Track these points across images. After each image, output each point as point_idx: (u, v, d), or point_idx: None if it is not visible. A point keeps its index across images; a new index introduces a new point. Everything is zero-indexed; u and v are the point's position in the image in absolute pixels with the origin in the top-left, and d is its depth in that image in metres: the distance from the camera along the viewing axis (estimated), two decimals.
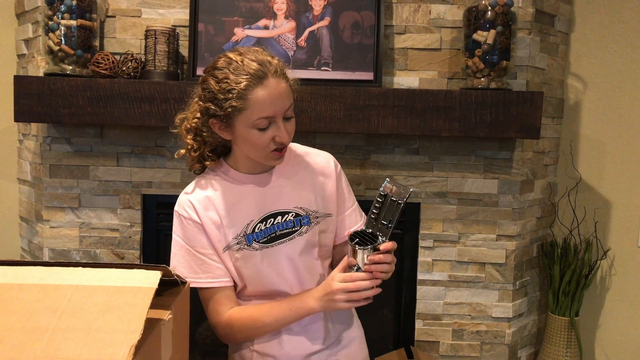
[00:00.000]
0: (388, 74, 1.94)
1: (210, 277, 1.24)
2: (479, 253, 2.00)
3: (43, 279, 0.74)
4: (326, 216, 1.30)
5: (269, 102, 1.13)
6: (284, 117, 1.17)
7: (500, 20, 1.80)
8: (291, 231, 1.26)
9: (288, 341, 1.27)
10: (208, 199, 1.25)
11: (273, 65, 1.14)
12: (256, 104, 1.12)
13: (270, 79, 1.13)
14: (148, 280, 0.75)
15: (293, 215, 1.26)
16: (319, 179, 1.31)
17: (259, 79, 1.12)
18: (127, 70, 1.83)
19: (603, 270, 2.23)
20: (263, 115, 1.13)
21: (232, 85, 1.12)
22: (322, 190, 1.31)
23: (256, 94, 1.12)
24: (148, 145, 1.94)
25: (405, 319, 2.05)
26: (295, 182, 1.29)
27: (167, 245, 2.02)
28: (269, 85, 1.12)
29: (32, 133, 2.02)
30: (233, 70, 1.13)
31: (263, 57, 1.15)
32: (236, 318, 1.24)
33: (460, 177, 1.97)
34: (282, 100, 1.15)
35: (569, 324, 2.09)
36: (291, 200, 1.27)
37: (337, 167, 1.36)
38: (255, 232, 1.24)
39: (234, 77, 1.12)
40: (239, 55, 1.16)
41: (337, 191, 1.33)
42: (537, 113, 1.79)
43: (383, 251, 1.14)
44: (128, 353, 0.63)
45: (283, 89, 1.15)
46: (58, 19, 1.77)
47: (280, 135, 1.16)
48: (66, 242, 1.97)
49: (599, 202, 2.22)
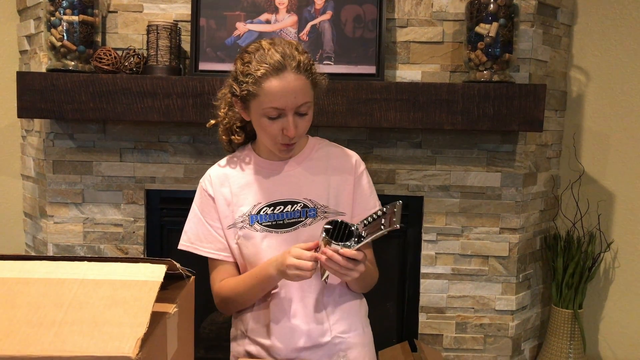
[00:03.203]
0: (390, 68, 1.94)
1: (211, 248, 1.31)
2: (482, 246, 2.00)
3: (49, 273, 0.75)
4: (337, 214, 1.29)
5: (281, 94, 1.15)
6: (296, 112, 1.19)
7: (502, 12, 1.79)
8: (296, 221, 1.27)
9: (279, 332, 1.27)
10: (225, 176, 1.32)
11: (296, 60, 1.16)
12: (269, 93, 1.16)
13: (288, 72, 1.15)
14: (153, 274, 0.75)
15: (301, 206, 1.27)
16: (336, 176, 1.31)
17: (276, 70, 1.15)
18: (130, 66, 1.83)
19: (606, 262, 2.23)
20: (273, 105, 1.17)
21: (252, 70, 1.16)
22: (337, 187, 1.31)
23: (270, 84, 1.15)
24: (151, 141, 1.94)
25: (409, 313, 2.05)
26: (311, 174, 1.30)
27: (171, 240, 2.04)
28: (285, 78, 1.15)
29: (35, 129, 2.02)
30: (258, 56, 1.17)
31: (290, 50, 1.17)
32: (224, 287, 1.31)
33: (463, 170, 1.97)
34: (295, 95, 1.16)
35: (572, 316, 2.09)
36: (302, 191, 1.28)
37: (359, 167, 1.35)
38: (260, 214, 1.27)
39: (255, 63, 1.16)
40: (270, 43, 1.19)
41: (356, 191, 1.33)
42: (540, 106, 1.79)
43: (339, 252, 1.11)
44: (134, 346, 0.64)
45: (299, 85, 1.16)
46: (60, 14, 1.78)
47: (288, 129, 1.19)
48: (70, 237, 1.98)
49: (602, 195, 2.22)
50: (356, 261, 1.12)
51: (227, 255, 1.32)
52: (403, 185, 1.97)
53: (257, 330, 1.30)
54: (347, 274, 1.13)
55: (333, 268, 1.13)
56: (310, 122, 1.24)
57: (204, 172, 1.39)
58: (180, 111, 1.79)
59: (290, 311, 1.27)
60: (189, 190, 1.96)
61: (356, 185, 1.33)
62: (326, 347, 1.28)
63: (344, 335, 1.30)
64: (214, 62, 1.88)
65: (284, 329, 1.27)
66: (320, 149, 1.35)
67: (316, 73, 1.22)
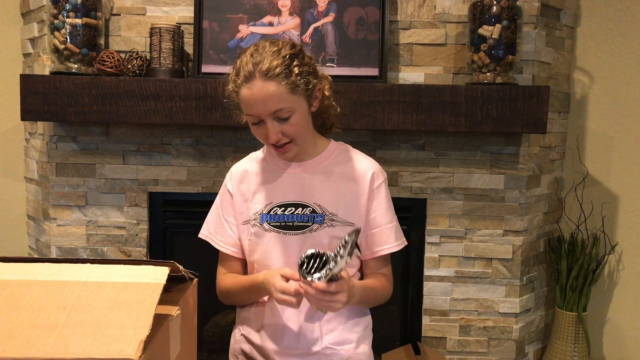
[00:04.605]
0: (393, 70, 1.94)
1: (222, 242, 1.34)
2: (485, 249, 1.99)
3: (51, 275, 0.75)
4: (345, 224, 1.27)
5: (251, 103, 1.17)
6: (274, 118, 1.17)
7: (505, 14, 1.79)
8: (304, 225, 1.26)
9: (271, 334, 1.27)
10: (245, 173, 1.34)
11: (265, 66, 1.13)
12: (243, 102, 1.18)
13: (256, 81, 1.14)
14: (156, 276, 0.75)
15: (310, 211, 1.27)
16: (349, 185, 1.29)
17: (246, 79, 1.15)
18: (133, 68, 1.83)
19: (611, 265, 2.22)
20: (248, 113, 1.19)
21: (232, 78, 1.20)
22: (349, 196, 1.29)
23: (242, 93, 1.17)
24: (154, 143, 1.94)
25: (412, 315, 2.05)
26: (324, 179, 1.29)
27: (174, 242, 2.04)
28: (253, 86, 1.15)
29: (39, 132, 2.03)
30: (238, 64, 1.18)
31: (263, 56, 1.15)
32: (223, 282, 1.35)
33: (466, 172, 1.97)
34: (264, 102, 1.15)
35: (576, 319, 2.08)
36: (313, 195, 1.27)
37: (377, 179, 1.31)
38: (271, 214, 1.28)
39: (234, 72, 1.19)
40: (254, 48, 1.18)
41: (371, 205, 1.30)
42: (543, 108, 1.78)
43: (312, 286, 1.09)
44: (137, 349, 0.63)
45: (269, 92, 1.14)
46: (63, 17, 1.78)
47: (268, 135, 1.19)
48: (73, 240, 1.98)
49: (606, 197, 2.21)
50: (331, 293, 1.09)
51: (235, 251, 1.34)
52: (406, 187, 1.97)
53: (250, 330, 1.32)
54: (328, 306, 1.11)
55: (312, 302, 1.12)
56: (301, 125, 1.20)
57: (207, 174, 1.39)
58: (183, 114, 1.79)
59: (284, 315, 1.27)
60: (192, 193, 1.96)
61: (372, 198, 1.30)
62: (316, 356, 1.26)
63: (336, 347, 1.27)
64: (216, 65, 1.89)
65: (275, 331, 1.27)
66: (340, 154, 1.33)
67: (300, 75, 1.16)
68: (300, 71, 1.17)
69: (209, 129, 1.94)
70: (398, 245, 1.32)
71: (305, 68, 1.18)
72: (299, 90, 1.17)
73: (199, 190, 1.96)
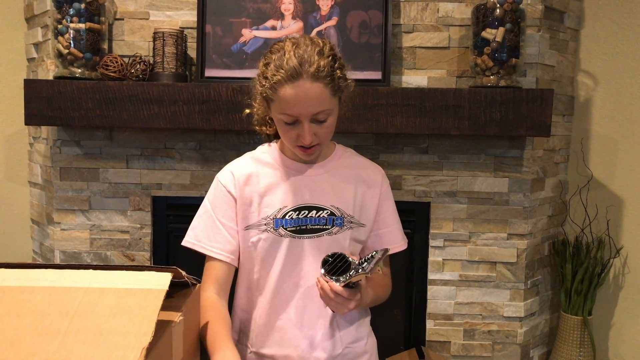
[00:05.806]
0: (396, 73, 1.94)
1: (217, 248, 1.24)
2: (489, 252, 1.98)
3: (54, 281, 0.75)
4: (360, 225, 1.27)
5: (294, 103, 1.11)
6: (312, 119, 1.14)
7: (509, 17, 1.78)
8: (321, 228, 1.24)
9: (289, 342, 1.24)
10: (251, 175, 1.26)
11: (314, 66, 1.10)
12: (282, 100, 1.12)
13: (303, 80, 1.10)
14: (159, 282, 0.75)
15: (328, 213, 1.24)
16: (362, 187, 1.29)
17: (291, 77, 1.10)
18: (136, 73, 1.84)
19: (616, 268, 2.21)
20: (287, 112, 1.13)
21: (269, 74, 1.12)
22: (362, 199, 1.28)
23: (284, 91, 1.11)
24: (157, 147, 1.95)
25: (416, 319, 2.04)
26: (339, 181, 1.27)
27: (178, 246, 2.03)
28: (300, 86, 1.10)
29: (43, 136, 2.03)
30: (277, 59, 1.12)
31: (310, 54, 1.11)
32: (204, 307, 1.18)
33: (470, 176, 1.96)
34: (309, 104, 1.11)
35: (581, 323, 2.07)
36: (329, 197, 1.25)
37: (385, 182, 1.33)
38: (286, 218, 1.23)
39: (273, 67, 1.12)
40: (293, 45, 1.13)
41: (381, 207, 1.31)
42: (547, 111, 1.78)
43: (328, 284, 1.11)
44: (139, 355, 0.63)
45: (315, 93, 1.11)
46: (67, 22, 1.79)
47: (303, 137, 1.15)
48: (77, 244, 1.98)
49: (611, 200, 2.20)
50: (344, 298, 1.10)
51: (233, 258, 1.26)
52: (410, 191, 1.96)
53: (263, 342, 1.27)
54: (336, 307, 1.13)
55: (324, 299, 1.13)
56: (332, 128, 1.19)
57: (210, 178, 1.37)
58: (187, 118, 1.79)
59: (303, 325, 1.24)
60: (196, 197, 1.96)
61: (382, 201, 1.31)
62: (338, 358, 1.27)
63: (352, 345, 1.29)
64: (220, 69, 1.89)
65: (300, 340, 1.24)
66: (348, 157, 1.32)
67: (340, 78, 1.15)
68: (342, 74, 1.16)
69: (212, 133, 1.94)
70: (405, 243, 1.35)
71: (343, 71, 1.17)
72: (338, 92, 1.16)
73: (203, 195, 1.95)
